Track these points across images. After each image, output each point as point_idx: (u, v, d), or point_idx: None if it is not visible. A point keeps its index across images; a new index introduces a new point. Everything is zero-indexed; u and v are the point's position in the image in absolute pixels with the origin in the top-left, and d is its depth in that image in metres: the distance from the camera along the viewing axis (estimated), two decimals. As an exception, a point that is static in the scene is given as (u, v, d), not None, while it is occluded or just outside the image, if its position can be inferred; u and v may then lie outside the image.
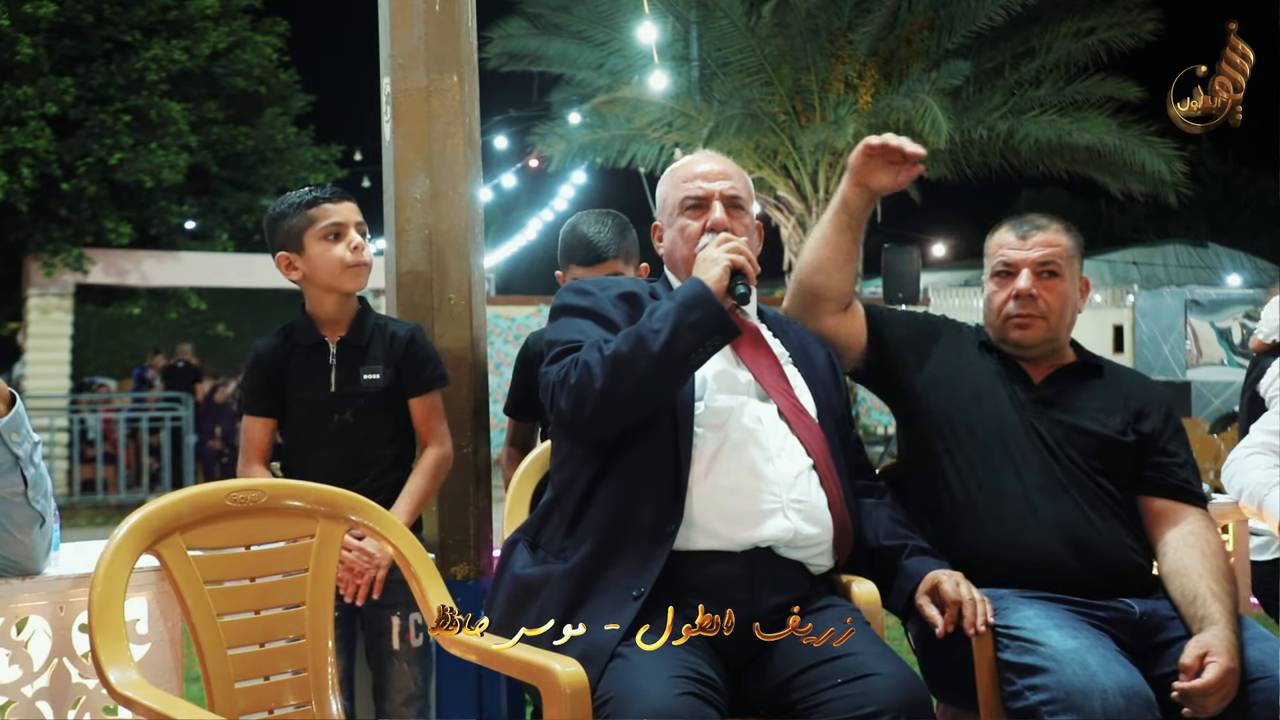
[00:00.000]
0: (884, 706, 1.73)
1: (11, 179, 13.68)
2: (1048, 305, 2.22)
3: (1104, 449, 2.17)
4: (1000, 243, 2.28)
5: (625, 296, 2.09)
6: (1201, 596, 2.02)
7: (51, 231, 14.69)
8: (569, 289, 2.14)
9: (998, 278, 2.27)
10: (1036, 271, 2.23)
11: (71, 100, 14.12)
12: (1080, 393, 2.24)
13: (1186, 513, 2.17)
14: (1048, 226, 2.26)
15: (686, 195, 2.15)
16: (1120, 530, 2.12)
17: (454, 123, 2.69)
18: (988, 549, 2.10)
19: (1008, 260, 2.25)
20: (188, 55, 14.89)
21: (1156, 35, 10.58)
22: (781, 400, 2.05)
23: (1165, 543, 2.14)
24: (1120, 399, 2.24)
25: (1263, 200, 26.68)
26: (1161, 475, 2.19)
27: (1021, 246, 2.24)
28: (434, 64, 2.67)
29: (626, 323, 2.01)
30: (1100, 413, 2.21)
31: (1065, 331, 2.29)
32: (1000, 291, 2.26)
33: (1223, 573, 2.07)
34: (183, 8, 15.09)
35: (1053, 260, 2.23)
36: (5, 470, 1.79)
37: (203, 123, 15.65)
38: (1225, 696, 1.89)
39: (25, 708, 1.87)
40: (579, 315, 2.06)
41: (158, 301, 17.21)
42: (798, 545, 1.96)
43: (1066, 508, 2.10)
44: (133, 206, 15.30)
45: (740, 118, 10.59)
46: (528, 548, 2.02)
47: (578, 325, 2.04)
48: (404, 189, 2.67)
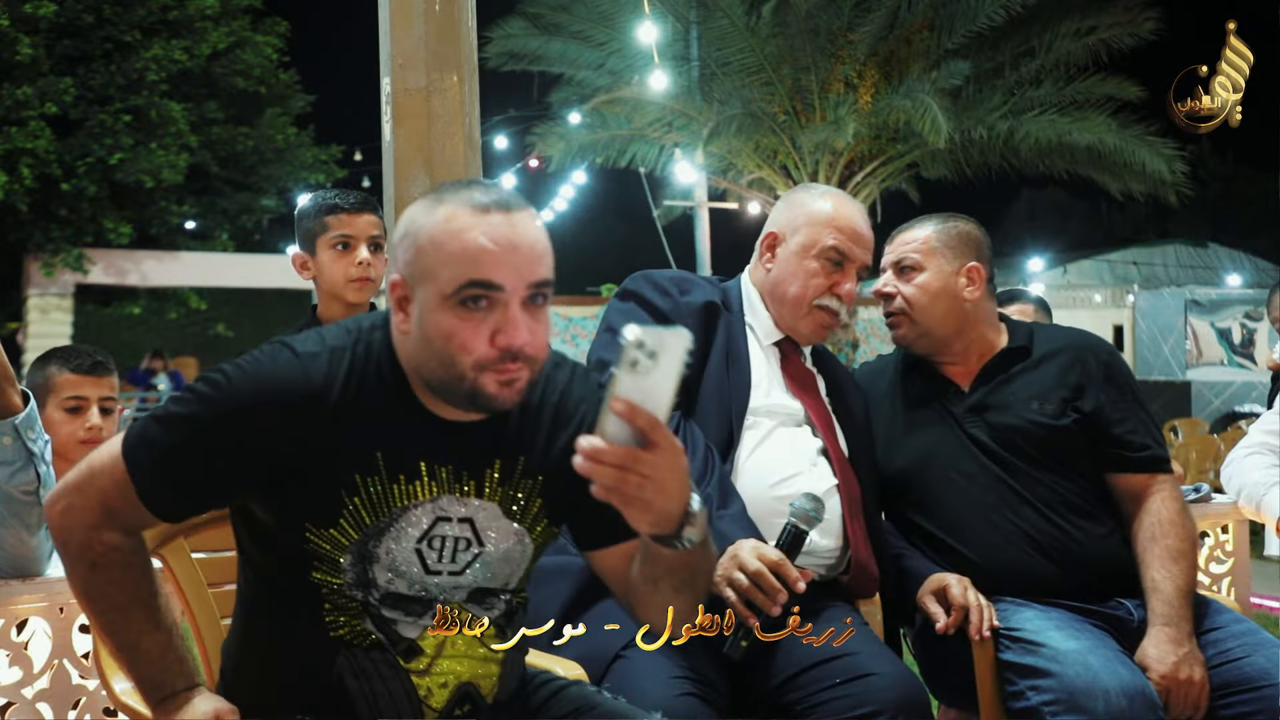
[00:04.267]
0: (882, 706, 1.73)
1: (11, 179, 13.67)
2: (907, 300, 2.21)
3: (1047, 440, 2.10)
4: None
5: (705, 308, 2.02)
6: (1146, 591, 2.00)
7: (51, 231, 14.69)
8: (650, 282, 2.04)
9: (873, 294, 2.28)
10: (896, 270, 2.23)
11: (71, 100, 14.12)
12: (1011, 386, 2.17)
13: (1148, 486, 2.10)
14: (914, 226, 2.25)
15: (835, 246, 2.07)
16: (1087, 522, 2.07)
17: (454, 123, 2.69)
18: (970, 573, 2.05)
19: (881, 265, 2.27)
20: (188, 55, 14.89)
21: (1156, 35, 10.57)
22: (825, 436, 2.05)
23: (1133, 533, 2.09)
24: (1054, 376, 2.16)
25: (1263, 200, 26.69)
26: (1118, 451, 2.12)
27: (888, 250, 2.27)
28: (434, 64, 2.68)
29: (700, 338, 1.95)
30: (1034, 401, 2.13)
31: (943, 325, 2.19)
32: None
33: (1171, 553, 2.02)
34: (183, 8, 15.09)
35: (906, 256, 2.21)
36: (20, 466, 1.81)
37: (203, 123, 15.66)
38: (1185, 692, 1.88)
39: (26, 709, 1.87)
40: (651, 316, 1.99)
41: (158, 301, 17.23)
42: (809, 553, 1.95)
43: (1027, 516, 2.06)
44: (133, 206, 15.30)
45: (740, 118, 10.58)
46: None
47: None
48: (404, 189, 2.67)
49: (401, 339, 1.41)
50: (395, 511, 1.41)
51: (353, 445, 1.39)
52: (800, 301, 2.07)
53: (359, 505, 1.40)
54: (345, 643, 1.43)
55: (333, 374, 1.40)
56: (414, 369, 1.41)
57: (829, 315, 2.08)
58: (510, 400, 1.37)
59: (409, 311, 1.38)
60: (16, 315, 16.02)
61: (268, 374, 1.39)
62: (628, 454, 1.22)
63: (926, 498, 2.15)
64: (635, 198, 15.86)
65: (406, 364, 1.42)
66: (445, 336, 1.34)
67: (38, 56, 13.67)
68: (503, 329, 1.34)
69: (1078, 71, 10.87)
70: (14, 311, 16.22)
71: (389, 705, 1.44)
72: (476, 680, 1.49)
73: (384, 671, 1.44)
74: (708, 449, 1.89)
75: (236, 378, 1.39)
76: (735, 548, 1.74)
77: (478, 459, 1.45)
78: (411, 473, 1.41)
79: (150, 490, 1.38)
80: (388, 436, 1.40)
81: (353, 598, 1.42)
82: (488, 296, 1.34)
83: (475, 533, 1.46)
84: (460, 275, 1.33)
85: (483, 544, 1.47)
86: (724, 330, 2.03)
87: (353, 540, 1.40)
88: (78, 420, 2.44)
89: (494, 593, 1.50)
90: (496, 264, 1.34)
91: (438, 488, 1.43)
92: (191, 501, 1.43)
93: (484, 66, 7.80)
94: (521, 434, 1.49)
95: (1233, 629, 2.01)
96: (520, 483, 1.49)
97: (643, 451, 1.22)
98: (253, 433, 1.37)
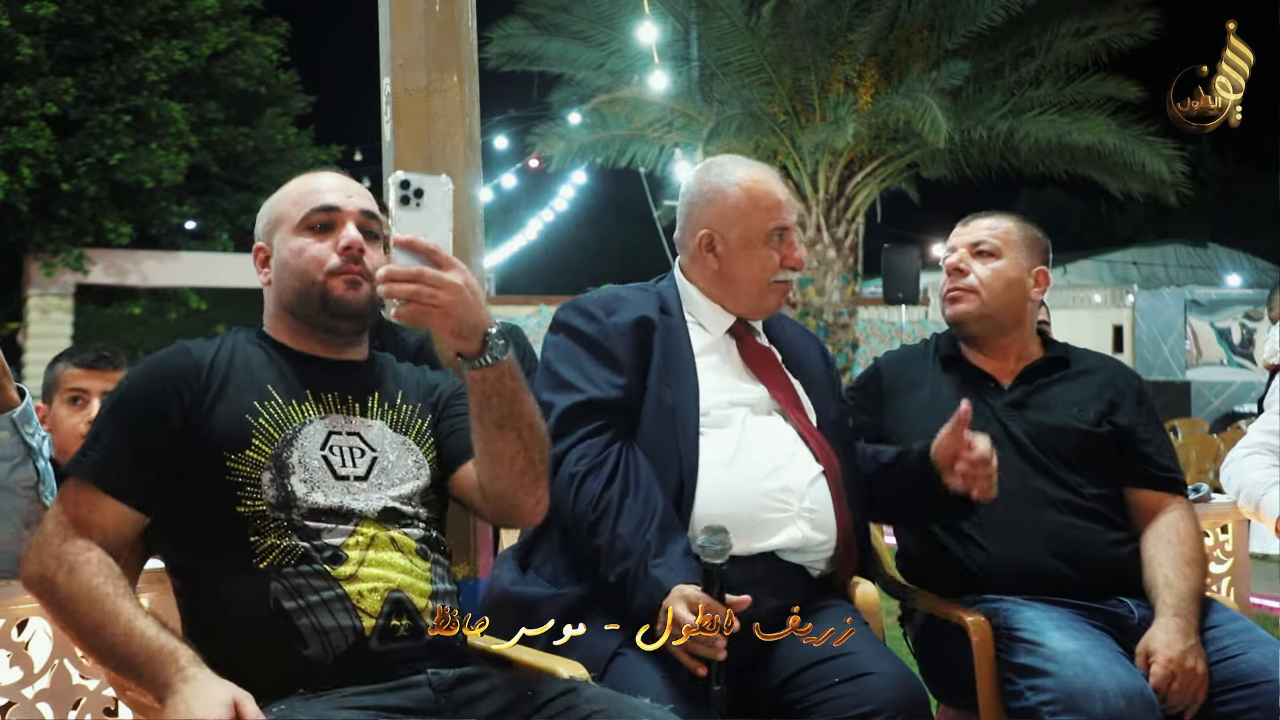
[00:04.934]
0: (881, 706, 1.73)
1: (11, 179, 13.68)
2: (979, 280, 2.24)
3: (1082, 444, 2.16)
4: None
5: (636, 324, 2.01)
6: (1156, 587, 2.03)
7: (51, 231, 14.68)
8: (576, 309, 2.06)
9: (946, 269, 2.31)
10: (972, 251, 2.26)
11: (72, 100, 14.12)
12: (1051, 389, 2.24)
13: (1166, 503, 2.17)
14: (993, 215, 2.31)
15: (776, 227, 2.06)
16: (1107, 528, 2.12)
17: (454, 123, 2.69)
18: (984, 565, 2.10)
19: (951, 246, 2.31)
20: (188, 55, 14.89)
21: (1156, 35, 10.56)
22: (796, 416, 2.05)
23: (1144, 538, 2.14)
24: (1093, 389, 2.24)
25: (1263, 200, 26.69)
26: (1144, 467, 2.20)
27: (961, 232, 2.31)
28: (434, 64, 2.67)
29: (634, 357, 1.97)
30: (1074, 407, 2.20)
31: (1007, 313, 2.26)
32: (945, 276, 2.31)
33: (1185, 558, 2.07)
34: (183, 8, 15.09)
35: (986, 240, 2.26)
36: (19, 461, 1.81)
37: (203, 123, 15.65)
38: (1186, 682, 1.89)
39: (26, 709, 1.87)
40: (581, 345, 2.00)
41: (158, 301, 17.22)
42: (804, 551, 1.96)
43: (1050, 515, 2.10)
44: (133, 206, 15.30)
45: (740, 118, 10.58)
46: (519, 566, 2.02)
47: (579, 363, 1.98)
48: (404, 189, 2.67)
49: (267, 290, 1.74)
50: (295, 426, 1.64)
51: (246, 382, 1.65)
52: (758, 286, 2.08)
53: (265, 424, 1.62)
54: (275, 568, 1.55)
55: (212, 349, 1.69)
56: (279, 311, 1.72)
57: (786, 285, 2.11)
58: (357, 304, 1.67)
59: (270, 265, 1.72)
60: (16, 315, 16.03)
61: (158, 358, 1.67)
62: (418, 270, 1.45)
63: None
64: (635, 198, 15.87)
65: (274, 315, 1.73)
66: (298, 252, 1.67)
67: (38, 57, 13.68)
68: (343, 238, 1.67)
69: (1078, 71, 10.86)
70: (14, 311, 16.23)
71: (326, 614, 1.54)
72: (405, 589, 1.60)
73: (315, 584, 1.56)
74: (649, 489, 1.87)
75: (135, 370, 1.68)
76: (668, 601, 1.72)
77: (360, 389, 1.73)
78: (301, 396, 1.67)
79: (100, 469, 1.57)
80: (274, 373, 1.68)
81: (277, 518, 1.58)
82: (329, 219, 1.68)
83: (366, 443, 1.69)
84: (305, 205, 1.69)
85: (374, 449, 1.69)
86: (660, 343, 2.02)
87: (267, 456, 1.60)
88: (79, 413, 2.43)
89: (406, 517, 1.66)
90: (331, 192, 1.71)
91: (325, 409, 1.68)
92: (137, 469, 1.58)
93: (484, 66, 7.80)
94: (394, 378, 1.79)
95: (1229, 626, 2.03)
96: (401, 407, 1.76)
97: (429, 268, 1.45)
98: (160, 395, 1.60)
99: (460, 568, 2.60)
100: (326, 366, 1.72)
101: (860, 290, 12.22)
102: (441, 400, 1.82)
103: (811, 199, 11.39)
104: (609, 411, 1.93)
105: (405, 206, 1.48)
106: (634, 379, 1.97)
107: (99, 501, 1.56)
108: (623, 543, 1.81)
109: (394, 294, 1.45)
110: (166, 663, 1.44)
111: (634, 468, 1.89)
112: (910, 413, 2.26)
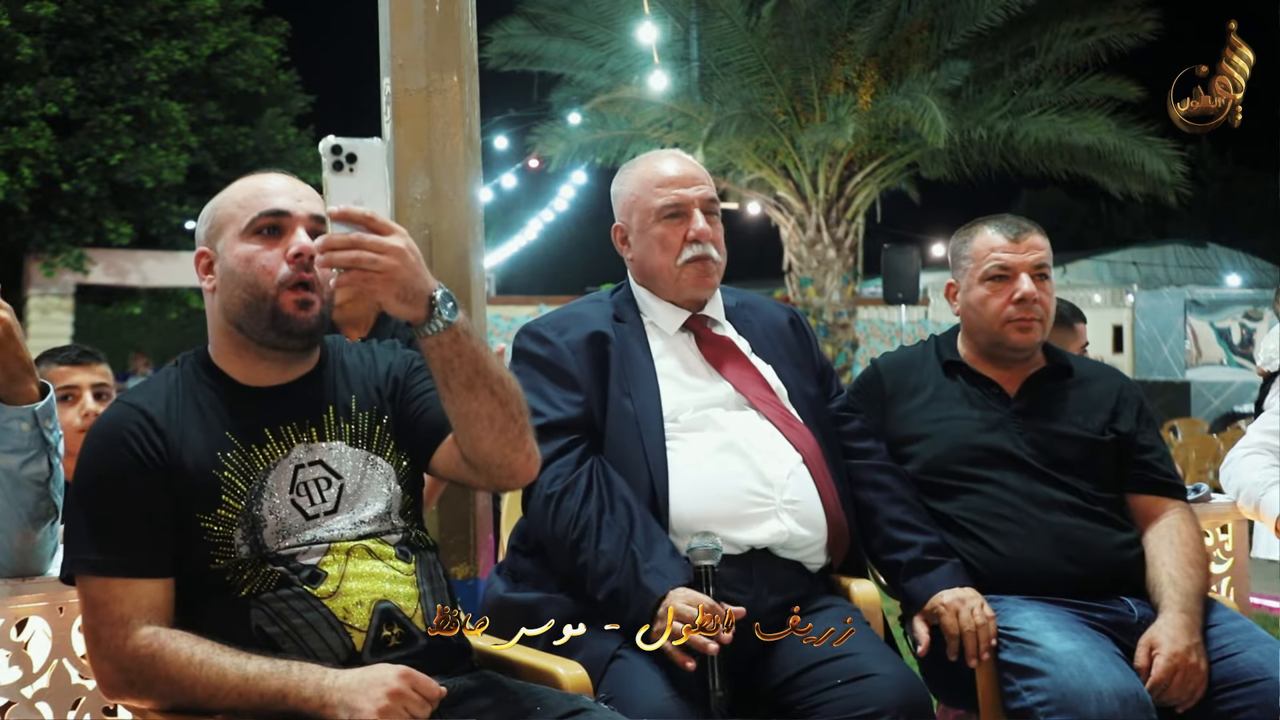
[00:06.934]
0: (883, 707, 1.73)
1: (12, 179, 13.68)
2: (1044, 308, 2.23)
3: (1087, 451, 2.19)
4: (990, 245, 2.24)
5: (589, 340, 2.04)
6: (1160, 584, 2.05)
7: (52, 231, 14.68)
8: (529, 334, 2.09)
9: (991, 281, 2.23)
10: (1033, 275, 2.22)
11: (72, 100, 14.12)
12: (1056, 397, 2.26)
13: (1167, 506, 2.20)
14: (1031, 228, 2.26)
15: (664, 204, 2.07)
16: (1112, 530, 2.14)
17: (454, 123, 2.69)
18: (992, 566, 2.10)
19: (1004, 264, 2.22)
20: (188, 56, 14.89)
21: (1156, 35, 10.55)
22: (767, 408, 2.04)
23: (1146, 539, 2.16)
24: (1095, 398, 2.27)
25: (1262, 200, 26.70)
26: (1145, 472, 2.22)
27: (1016, 250, 2.23)
28: (434, 64, 2.68)
29: (591, 372, 2.00)
30: (1079, 415, 2.23)
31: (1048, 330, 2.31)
32: (996, 296, 2.22)
33: (1189, 559, 2.09)
34: (183, 8, 15.09)
35: (1044, 263, 2.25)
36: (34, 455, 1.81)
37: (203, 123, 15.66)
38: (1188, 677, 1.89)
39: (25, 709, 1.87)
40: (538, 368, 2.03)
41: (158, 301, 17.22)
42: (793, 547, 1.97)
43: (1059, 517, 2.11)
44: (133, 206, 15.30)
45: (740, 118, 10.57)
46: (511, 577, 2.03)
47: (539, 387, 1.99)
48: (404, 189, 2.68)
49: (210, 298, 1.64)
50: (260, 475, 1.59)
51: (203, 432, 1.59)
52: (667, 267, 2.08)
53: (230, 477, 1.57)
54: (254, 595, 1.54)
55: (160, 399, 1.61)
56: (225, 325, 1.62)
57: (700, 261, 2.07)
58: (306, 323, 1.58)
59: (214, 270, 1.63)
60: (17, 315, 16.02)
61: (107, 424, 1.60)
62: (357, 236, 1.40)
63: (960, 488, 2.17)
64: (635, 198, 15.80)
65: (220, 330, 1.64)
66: (247, 261, 1.58)
67: (38, 57, 13.68)
68: (293, 245, 1.57)
69: (1077, 71, 10.86)
70: (14, 312, 16.22)
71: (312, 635, 1.53)
72: (392, 598, 1.58)
73: (296, 605, 1.54)
74: (624, 501, 1.89)
75: (88, 449, 1.60)
76: (668, 601, 1.74)
77: (312, 409, 1.66)
78: (261, 439, 1.61)
79: (104, 560, 1.53)
80: (229, 415, 1.61)
81: (252, 561, 1.56)
82: (278, 224, 1.59)
83: (330, 470, 1.63)
84: (253, 209, 1.59)
85: (340, 475, 1.63)
86: (617, 355, 2.03)
87: (236, 512, 1.56)
88: (73, 409, 2.47)
89: (382, 530, 1.63)
90: (280, 195, 1.61)
91: (286, 445, 1.62)
92: (137, 541, 1.54)
93: (484, 66, 7.80)
94: (345, 381, 1.70)
95: (1228, 625, 2.04)
96: (356, 416, 1.68)
97: (366, 233, 1.40)
98: (126, 459, 1.55)
99: (460, 568, 2.60)
100: (279, 394, 1.65)
101: (860, 290, 12.22)
102: (398, 385, 1.73)
103: (811, 199, 11.39)
104: (573, 430, 1.96)
105: (339, 173, 1.41)
106: (593, 393, 1.99)
107: (128, 588, 1.53)
108: (606, 559, 1.83)
109: (333, 263, 1.41)
110: (303, 685, 1.45)
111: (607, 483, 1.91)
112: (913, 418, 2.27)
